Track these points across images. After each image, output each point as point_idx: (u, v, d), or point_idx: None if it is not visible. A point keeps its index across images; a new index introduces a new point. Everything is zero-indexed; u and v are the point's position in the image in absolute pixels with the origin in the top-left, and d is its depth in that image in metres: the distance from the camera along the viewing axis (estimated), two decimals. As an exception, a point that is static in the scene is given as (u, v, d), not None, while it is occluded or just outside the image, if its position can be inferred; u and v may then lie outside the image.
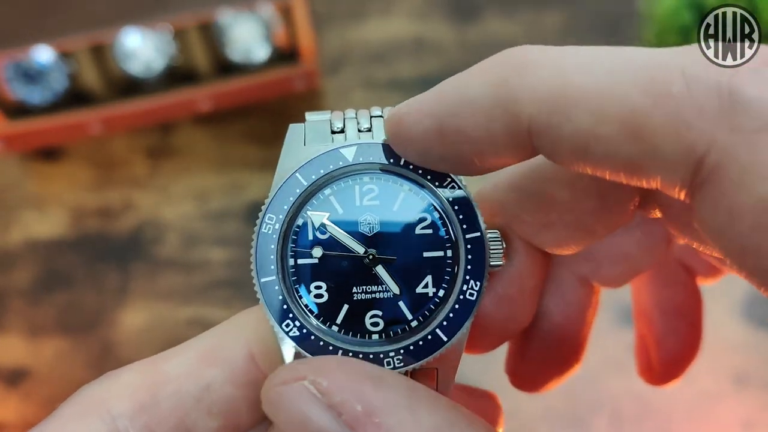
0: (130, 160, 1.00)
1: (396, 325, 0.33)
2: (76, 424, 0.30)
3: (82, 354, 0.89)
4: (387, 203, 0.34)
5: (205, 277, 0.93)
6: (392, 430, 0.26)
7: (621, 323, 0.84)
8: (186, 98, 0.95)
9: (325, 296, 0.33)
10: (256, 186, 0.97)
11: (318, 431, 0.27)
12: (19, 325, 0.91)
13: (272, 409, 0.28)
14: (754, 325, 0.83)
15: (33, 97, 0.95)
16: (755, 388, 0.80)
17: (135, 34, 0.95)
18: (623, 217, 0.36)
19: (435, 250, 0.34)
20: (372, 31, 1.05)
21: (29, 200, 0.99)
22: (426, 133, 0.30)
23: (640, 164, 0.26)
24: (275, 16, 0.96)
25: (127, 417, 0.30)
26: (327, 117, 0.35)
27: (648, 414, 0.80)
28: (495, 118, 0.28)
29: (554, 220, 0.35)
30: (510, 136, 0.28)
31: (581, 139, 0.26)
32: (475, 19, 1.04)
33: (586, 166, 0.28)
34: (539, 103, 0.27)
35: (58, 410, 0.31)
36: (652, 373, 0.44)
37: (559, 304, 0.40)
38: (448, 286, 0.34)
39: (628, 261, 0.39)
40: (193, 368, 0.31)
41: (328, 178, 0.34)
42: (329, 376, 0.28)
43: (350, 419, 0.27)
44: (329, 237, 0.34)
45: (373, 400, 0.27)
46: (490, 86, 0.28)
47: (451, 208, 0.34)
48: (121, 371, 0.32)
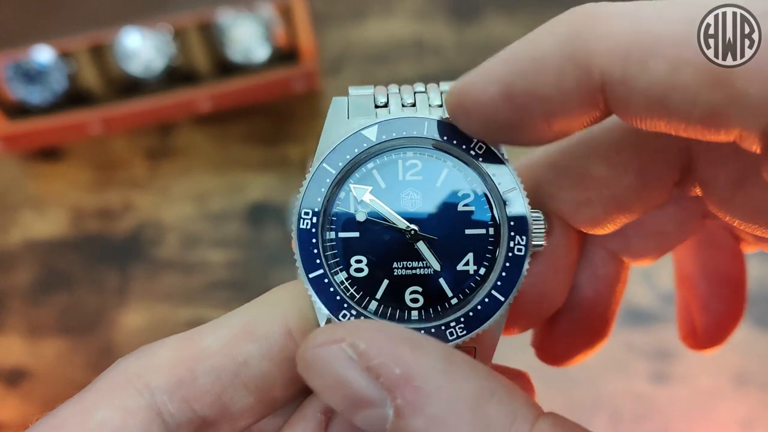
0: (129, 160, 1.00)
1: (436, 302, 0.33)
2: (113, 396, 0.29)
3: (81, 354, 0.89)
4: (430, 179, 0.34)
5: (204, 278, 0.93)
6: (430, 395, 0.26)
7: (621, 323, 0.84)
8: (186, 98, 0.95)
9: (366, 270, 0.33)
10: (256, 187, 0.97)
11: (354, 394, 0.26)
12: (19, 325, 0.91)
13: (308, 372, 0.28)
14: (754, 325, 0.83)
15: (33, 97, 0.95)
16: (755, 388, 0.80)
17: (135, 34, 0.95)
18: (661, 195, 0.35)
19: (477, 228, 0.34)
20: (372, 31, 1.05)
21: (29, 200, 0.99)
22: (493, 99, 0.29)
23: (721, 112, 0.25)
24: (275, 16, 0.96)
25: (165, 391, 0.29)
26: (371, 91, 0.35)
27: (647, 414, 0.80)
28: (566, 74, 0.27)
29: (591, 198, 0.35)
30: (582, 92, 0.28)
31: (659, 89, 0.26)
32: (475, 20, 1.04)
33: (661, 119, 0.27)
34: (613, 54, 0.26)
35: (94, 383, 0.30)
36: (696, 339, 0.43)
37: (589, 279, 0.39)
38: (489, 264, 0.33)
39: (659, 236, 0.39)
40: (231, 344, 0.31)
41: (370, 152, 0.34)
42: (367, 338, 0.27)
43: (388, 382, 0.26)
44: (371, 211, 0.33)
45: (412, 363, 0.26)
46: (560, 42, 0.28)
47: (495, 186, 0.33)
48: (158, 346, 0.31)
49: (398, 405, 0.26)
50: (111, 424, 0.28)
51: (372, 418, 0.26)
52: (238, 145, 1.00)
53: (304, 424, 0.30)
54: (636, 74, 0.26)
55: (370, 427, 0.27)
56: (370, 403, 0.26)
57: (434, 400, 0.25)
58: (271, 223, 0.95)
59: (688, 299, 0.44)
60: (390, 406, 0.26)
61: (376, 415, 0.26)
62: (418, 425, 0.25)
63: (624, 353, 0.83)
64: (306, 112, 0.98)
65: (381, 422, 0.26)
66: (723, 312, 0.43)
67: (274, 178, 0.97)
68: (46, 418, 0.29)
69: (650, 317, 0.85)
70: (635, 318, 0.85)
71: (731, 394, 0.80)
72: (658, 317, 0.85)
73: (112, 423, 0.28)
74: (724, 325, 0.43)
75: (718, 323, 0.43)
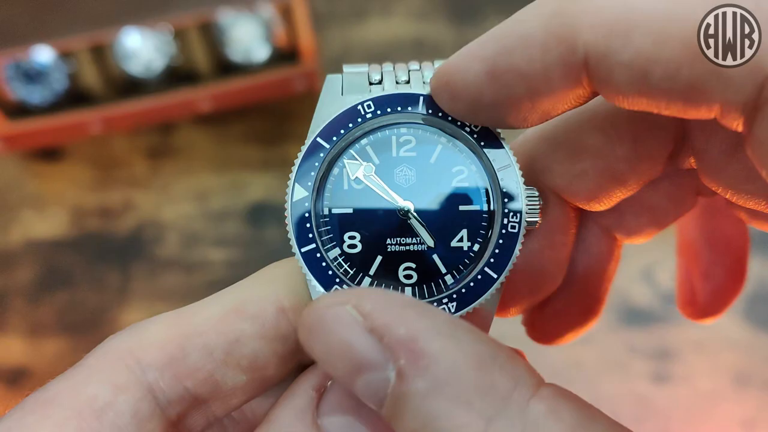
0: (130, 160, 1.00)
1: (429, 279, 0.33)
2: (103, 373, 0.29)
3: (82, 354, 0.88)
4: (424, 155, 0.33)
5: (205, 277, 0.93)
6: (435, 355, 0.25)
7: (621, 323, 0.84)
8: (186, 98, 0.95)
9: (359, 246, 0.33)
10: (256, 186, 0.97)
11: (356, 356, 0.26)
12: (19, 324, 0.91)
13: (309, 336, 0.27)
14: (754, 325, 0.83)
15: (33, 97, 0.95)
16: (755, 388, 0.80)
17: (135, 34, 0.95)
18: (655, 167, 0.35)
19: (471, 204, 0.33)
20: (372, 31, 1.05)
21: (30, 200, 0.99)
22: (477, 77, 0.29)
23: (703, 87, 0.25)
24: (275, 16, 0.96)
25: (156, 368, 0.29)
26: (365, 69, 0.35)
27: (647, 414, 0.80)
28: (550, 50, 0.27)
29: (586, 169, 0.35)
30: (566, 68, 0.28)
31: (642, 64, 0.26)
32: (476, 20, 1.04)
33: (643, 96, 0.27)
34: (597, 28, 0.26)
35: (85, 359, 0.30)
36: (695, 308, 0.43)
37: (582, 255, 0.39)
38: (483, 241, 0.33)
39: (653, 213, 0.39)
40: (223, 322, 0.30)
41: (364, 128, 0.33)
42: (373, 300, 0.26)
43: (392, 342, 0.25)
44: (364, 187, 0.33)
45: (417, 324, 0.26)
46: (544, 17, 0.28)
47: (489, 162, 0.33)
48: (149, 323, 0.31)
49: (401, 366, 0.25)
50: (101, 399, 0.28)
51: (373, 382, 0.26)
52: (238, 144, 1.00)
53: (295, 401, 0.30)
54: (619, 48, 0.26)
55: (369, 394, 0.26)
56: (373, 365, 0.26)
57: (438, 362, 0.25)
58: (271, 223, 0.95)
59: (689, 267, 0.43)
60: (392, 369, 0.25)
61: (377, 380, 0.26)
62: (420, 387, 0.25)
63: (624, 353, 0.83)
64: (306, 112, 0.98)
65: (382, 387, 0.26)
66: (724, 280, 0.42)
67: (274, 177, 0.97)
68: (37, 392, 0.29)
69: (650, 317, 0.85)
70: (635, 318, 0.85)
71: (731, 394, 0.80)
72: (658, 317, 0.85)
73: (103, 399, 0.28)
74: (724, 294, 0.42)
75: (719, 292, 0.42)
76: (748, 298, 0.83)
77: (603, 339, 0.83)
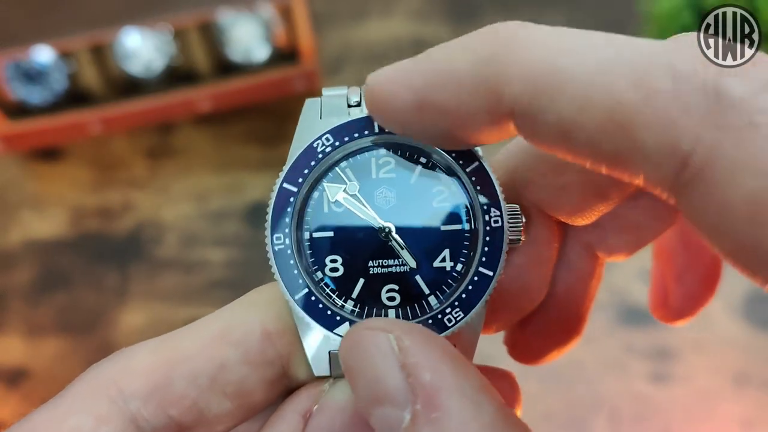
0: (130, 160, 1.00)
1: (413, 300, 0.33)
2: (85, 403, 0.29)
3: (81, 354, 0.88)
4: (404, 176, 0.33)
5: (204, 278, 0.93)
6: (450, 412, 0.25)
7: (621, 323, 0.84)
8: (186, 98, 0.95)
9: (341, 270, 0.33)
10: (256, 186, 0.97)
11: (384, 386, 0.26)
12: (18, 325, 0.91)
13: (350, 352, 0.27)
14: (753, 325, 0.83)
15: (33, 97, 0.95)
16: (755, 388, 0.80)
17: (135, 34, 0.95)
18: None
19: (453, 224, 0.33)
20: (372, 31, 1.05)
21: (29, 200, 0.99)
22: (404, 106, 0.29)
23: (623, 158, 0.25)
24: (275, 16, 0.96)
25: (140, 398, 0.29)
26: (344, 92, 0.35)
27: (647, 414, 0.80)
28: (478, 95, 0.27)
29: (568, 182, 0.34)
30: (491, 115, 0.28)
31: (564, 126, 0.26)
32: (475, 20, 1.04)
33: (566, 153, 0.27)
34: (526, 83, 0.26)
35: (67, 389, 0.30)
36: (667, 310, 0.43)
37: (564, 273, 0.39)
38: (466, 261, 0.33)
39: (634, 230, 0.38)
40: (208, 348, 0.30)
41: (344, 150, 0.33)
42: (413, 337, 0.27)
43: (416, 384, 0.26)
44: (345, 210, 0.33)
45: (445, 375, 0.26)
46: (476, 61, 0.27)
47: (470, 181, 0.33)
48: (133, 350, 0.31)
49: (416, 410, 0.25)
50: (83, 431, 0.28)
51: (390, 417, 0.26)
52: (238, 145, 1.00)
53: (282, 426, 0.30)
54: (544, 107, 0.26)
55: (383, 426, 0.26)
56: (394, 400, 0.26)
57: (450, 419, 0.25)
58: (270, 223, 0.95)
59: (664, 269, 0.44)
60: (409, 411, 0.26)
61: (394, 415, 0.26)
62: None
63: (623, 353, 0.83)
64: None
65: (396, 424, 0.26)
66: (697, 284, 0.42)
67: (274, 178, 0.97)
68: (19, 423, 0.29)
69: (650, 317, 0.85)
70: (635, 318, 0.85)
71: (731, 394, 0.80)
72: (657, 317, 0.85)
73: (85, 430, 0.28)
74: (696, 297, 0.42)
75: (691, 295, 0.42)
76: (748, 298, 0.83)
77: (602, 339, 0.83)
